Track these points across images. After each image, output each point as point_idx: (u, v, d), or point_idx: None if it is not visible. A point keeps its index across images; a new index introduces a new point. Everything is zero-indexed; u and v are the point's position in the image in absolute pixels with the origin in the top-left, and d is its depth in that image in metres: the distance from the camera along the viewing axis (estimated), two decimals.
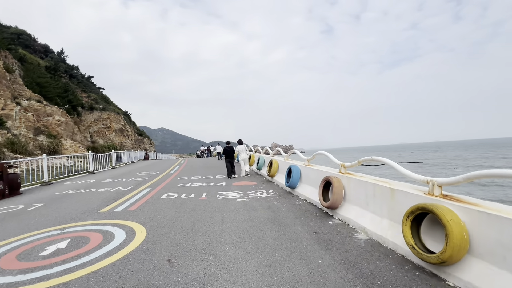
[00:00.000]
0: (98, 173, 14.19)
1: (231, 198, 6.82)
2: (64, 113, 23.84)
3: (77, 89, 47.26)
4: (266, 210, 5.56)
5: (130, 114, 61.83)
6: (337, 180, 4.89)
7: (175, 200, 6.66)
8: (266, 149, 12.43)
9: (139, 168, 16.65)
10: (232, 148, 11.44)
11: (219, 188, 8.34)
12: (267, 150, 12.40)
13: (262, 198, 6.73)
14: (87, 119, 44.05)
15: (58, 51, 57.56)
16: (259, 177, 10.69)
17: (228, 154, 11.07)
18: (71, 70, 55.00)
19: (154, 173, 12.96)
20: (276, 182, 8.81)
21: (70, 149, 21.17)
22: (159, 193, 7.65)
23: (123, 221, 5.00)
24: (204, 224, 4.71)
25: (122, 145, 47.48)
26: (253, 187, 8.37)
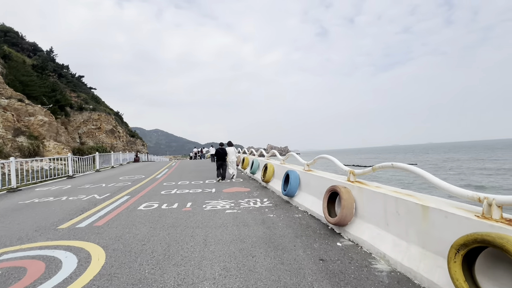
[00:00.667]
0: (78, 177, 13.08)
1: (220, 208, 5.88)
2: (47, 113, 22.57)
3: (66, 88, 45.76)
4: (259, 225, 4.64)
5: (122, 114, 60.36)
6: (346, 191, 4.00)
7: (154, 212, 5.69)
8: (260, 151, 11.53)
9: (125, 171, 15.56)
10: (224, 150, 10.75)
11: (208, 195, 7.39)
12: (261, 152, 11.49)
13: (255, 208, 5.81)
14: (76, 120, 42.62)
15: (47, 50, 55.91)
16: (252, 182, 9.76)
17: (220, 156, 10.48)
18: (61, 69, 53.42)
19: (139, 177, 11.93)
20: (272, 189, 7.90)
21: (53, 151, 19.93)
22: (137, 203, 6.66)
23: (81, 242, 4.02)
24: (182, 246, 3.76)
25: (113, 146, 46.09)
26: (246, 194, 7.44)
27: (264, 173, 8.61)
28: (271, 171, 8.22)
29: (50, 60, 52.46)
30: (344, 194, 3.94)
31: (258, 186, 8.72)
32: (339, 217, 3.90)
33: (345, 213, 3.85)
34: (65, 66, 57.99)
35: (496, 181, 23.70)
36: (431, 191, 14.34)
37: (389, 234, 3.25)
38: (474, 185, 21.75)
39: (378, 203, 3.49)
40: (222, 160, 10.43)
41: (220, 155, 10.46)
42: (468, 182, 23.39)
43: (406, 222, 3.00)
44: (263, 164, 9.27)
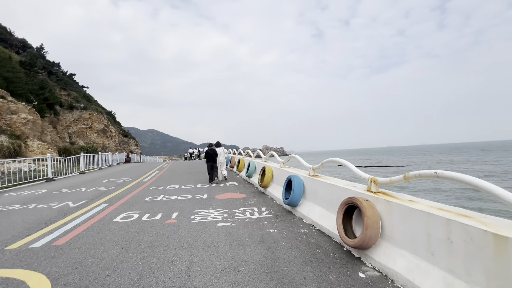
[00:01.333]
0: (59, 180, 12.03)
1: (211, 220, 4.98)
2: (32, 111, 21.36)
3: (55, 86, 44.31)
4: (258, 245, 3.76)
5: (114, 114, 58.94)
6: (369, 206, 3.14)
7: (131, 226, 4.77)
8: (257, 152, 10.65)
9: (112, 173, 14.52)
10: (215, 151, 10.21)
11: (198, 203, 6.48)
12: (258, 153, 10.60)
13: (253, 221, 4.92)
14: (66, 119, 41.25)
15: (37, 47, 54.28)
16: (249, 186, 8.86)
17: (210, 157, 10.01)
18: (51, 66, 51.89)
19: (125, 181, 10.94)
20: (270, 195, 7.02)
21: (37, 151, 18.77)
22: (115, 213, 5.72)
23: (25, 271, 3.09)
24: (157, 278, 2.86)
25: (105, 146, 44.79)
26: (241, 202, 6.55)
27: (261, 177, 7.73)
28: (270, 175, 7.34)
29: (40, 57, 50.89)
30: (367, 209, 3.08)
31: (255, 192, 7.83)
32: (361, 239, 3.04)
33: (369, 235, 2.99)
34: (56, 64, 56.43)
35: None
36: (482, 208, 12.87)
37: (436, 268, 2.39)
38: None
39: (416, 223, 2.63)
40: (213, 161, 9.98)
41: (210, 156, 9.99)
42: None
43: (465, 255, 2.15)
44: (260, 167, 8.40)
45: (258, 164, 9.26)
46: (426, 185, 21.13)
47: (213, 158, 9.99)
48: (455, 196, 17.54)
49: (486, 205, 14.42)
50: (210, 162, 9.95)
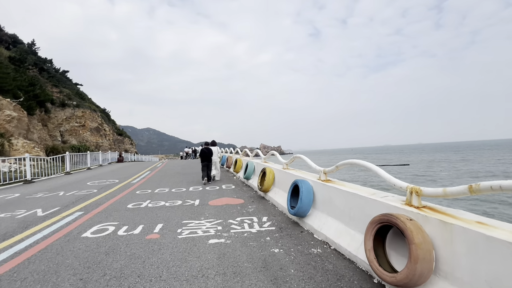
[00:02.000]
0: (39, 182, 11.02)
1: (201, 235, 4.08)
2: (17, 108, 20.24)
3: (47, 83, 43.01)
4: (260, 274, 2.87)
5: (109, 112, 57.64)
6: (417, 229, 2.25)
7: (102, 243, 3.85)
8: (256, 152, 9.74)
9: (100, 174, 13.54)
10: (210, 150, 9.74)
11: (188, 211, 5.57)
12: (257, 153, 9.70)
13: (252, 235, 4.03)
14: (58, 117, 40.02)
15: (28, 43, 52.81)
16: (247, 190, 7.96)
17: (205, 156, 9.52)
18: (43, 63, 50.48)
19: (111, 183, 9.99)
20: (272, 201, 6.13)
21: (22, 150, 17.69)
22: (88, 224, 4.79)
23: None
24: None
25: (98, 145, 43.68)
26: (238, 209, 5.65)
27: (261, 179, 6.83)
28: (271, 178, 6.44)
29: (32, 53, 49.49)
30: (414, 233, 2.19)
31: (254, 197, 6.94)
32: (407, 275, 2.16)
33: (420, 270, 2.11)
34: (48, 60, 55.01)
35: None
36: None
37: None
38: None
39: (496, 259, 1.76)
40: (207, 160, 9.52)
41: (205, 155, 9.52)
42: None
43: None
44: (260, 169, 7.50)
45: (258, 165, 8.36)
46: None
47: (208, 157, 9.53)
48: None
49: None
50: (205, 161, 9.47)
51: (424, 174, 32.86)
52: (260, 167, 7.51)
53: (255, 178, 8.31)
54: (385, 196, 3.03)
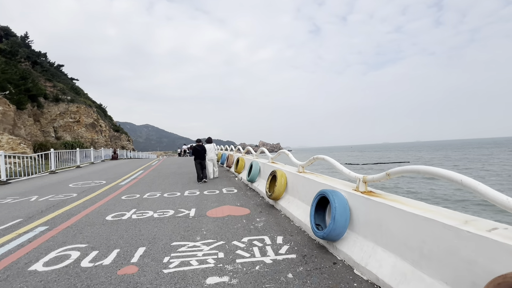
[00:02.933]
0: (15, 183, 9.80)
1: (195, 269, 2.91)
2: (3, 101, 18.95)
3: (40, 77, 41.59)
4: None
5: (105, 107, 56.20)
6: None
7: (52, 284, 2.68)
8: (262, 150, 8.53)
9: (88, 173, 12.34)
10: (203, 147, 9.38)
11: (180, 226, 4.40)
12: (263, 151, 8.49)
13: (267, 270, 2.87)
14: (51, 112, 38.70)
15: (21, 35, 51.20)
16: (252, 195, 6.79)
17: (198, 154, 9.14)
18: (36, 56, 48.95)
19: (97, 184, 8.81)
20: (284, 212, 4.97)
21: (7, 146, 16.45)
22: (44, 248, 3.62)
23: None
24: None
25: (94, 142, 42.45)
26: (244, 223, 4.49)
27: (270, 184, 5.66)
28: (283, 183, 5.26)
29: (25, 46, 47.95)
30: None
31: (261, 204, 5.77)
32: None
33: None
34: (42, 54, 53.48)
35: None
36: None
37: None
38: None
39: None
40: (200, 158, 9.13)
41: (198, 153, 9.14)
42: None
43: None
44: (268, 171, 6.31)
45: (264, 166, 7.17)
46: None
47: (201, 155, 9.13)
48: None
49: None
50: (198, 159, 9.06)
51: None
52: (269, 169, 6.33)
53: (261, 181, 7.13)
54: (494, 229, 1.85)
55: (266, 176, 6.67)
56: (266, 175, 6.69)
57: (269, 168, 6.44)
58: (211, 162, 9.70)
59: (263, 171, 7.17)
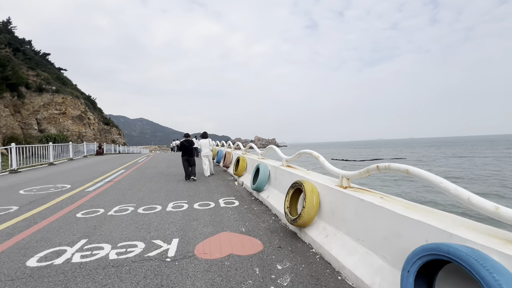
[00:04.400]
0: None
1: None
2: None
3: (22, 65, 38.78)
4: None
5: (94, 99, 53.45)
6: None
7: None
8: (271, 148, 6.55)
9: (56, 173, 10.30)
10: (191, 143, 8.57)
11: (149, 282, 2.52)
12: (273, 149, 6.53)
13: None
14: (34, 103, 36.15)
15: (3, 20, 47.98)
16: (260, 212, 4.89)
17: (185, 150, 8.38)
18: (19, 44, 45.92)
19: (57, 190, 6.82)
20: (321, 251, 3.11)
21: None
22: None
23: None
24: None
25: (81, 135, 40.07)
26: (258, 275, 2.63)
27: (292, 201, 3.78)
28: (314, 202, 3.37)
29: (6, 32, 44.87)
30: None
31: (277, 230, 3.89)
32: None
33: None
34: (27, 41, 50.41)
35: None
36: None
37: None
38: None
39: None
40: (188, 155, 8.35)
41: (186, 149, 8.36)
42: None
43: None
44: (287, 180, 4.39)
45: (278, 172, 5.21)
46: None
47: (190, 151, 8.34)
48: None
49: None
50: (186, 156, 8.29)
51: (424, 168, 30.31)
52: (288, 178, 4.42)
53: (272, 191, 5.24)
54: None
55: (279, 186, 4.79)
56: (281, 185, 4.81)
57: (287, 176, 4.53)
58: (206, 159, 9.16)
59: (275, 179, 5.27)
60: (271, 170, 5.53)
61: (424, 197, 13.47)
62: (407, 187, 16.68)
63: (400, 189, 16.37)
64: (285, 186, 4.23)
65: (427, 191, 14.44)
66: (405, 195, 14.02)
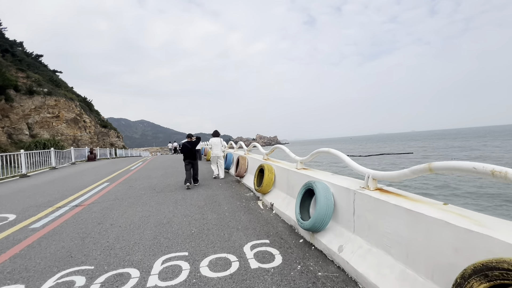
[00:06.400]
0: None
1: None
2: None
3: (10, 66, 36.49)
4: None
5: (90, 101, 51.13)
6: None
7: None
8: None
9: (19, 190, 7.88)
10: (193, 144, 7.28)
11: None
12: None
13: None
14: (25, 106, 33.88)
15: None
16: (330, 280, 2.46)
17: (188, 152, 7.16)
18: (9, 45, 43.66)
19: (5, 223, 4.41)
20: None
21: None
22: None
23: None
24: None
25: (76, 139, 37.82)
26: None
27: None
28: None
29: None
30: None
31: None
32: None
33: None
34: (18, 43, 48.17)
35: None
36: None
37: None
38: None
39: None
40: (191, 158, 7.25)
41: (187, 152, 7.22)
42: None
43: None
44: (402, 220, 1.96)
45: (368, 201, 2.71)
46: None
47: (192, 154, 7.25)
48: None
49: None
50: (188, 159, 7.27)
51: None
52: (414, 220, 1.95)
53: (339, 231, 2.75)
54: None
55: (372, 230, 2.31)
56: (366, 224, 2.33)
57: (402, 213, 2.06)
58: (216, 159, 8.40)
59: (345, 211, 2.77)
60: (337, 196, 3.02)
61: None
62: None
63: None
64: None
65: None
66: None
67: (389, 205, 2.20)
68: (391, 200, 2.23)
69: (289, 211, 4.04)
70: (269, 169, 5.17)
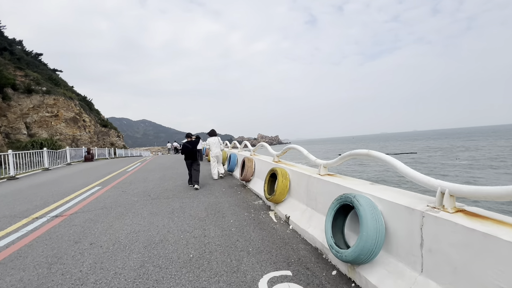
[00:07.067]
0: None
1: None
2: None
3: (8, 65, 35.87)
4: None
5: (90, 100, 50.45)
6: None
7: None
8: (355, 154, 3.24)
9: (3, 194, 7.09)
10: (194, 144, 6.94)
11: None
12: None
13: None
14: (23, 105, 33.27)
15: None
16: None
17: (188, 152, 6.92)
18: (9, 44, 43.07)
19: None
20: None
21: None
22: None
23: None
24: None
25: (76, 138, 37.19)
26: None
27: None
28: None
29: None
30: None
31: None
32: None
33: None
34: (17, 41, 47.59)
35: None
36: None
37: None
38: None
39: None
40: (192, 158, 6.95)
41: (189, 152, 6.90)
42: None
43: None
44: None
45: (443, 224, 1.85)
46: None
47: (193, 153, 6.91)
48: None
49: None
50: (189, 159, 6.96)
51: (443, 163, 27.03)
52: None
53: (408, 279, 1.92)
54: None
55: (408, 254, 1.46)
56: None
57: None
58: (215, 161, 8.17)
59: (405, 239, 1.93)
60: (394, 215, 2.17)
61: None
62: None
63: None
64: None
65: None
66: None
67: (498, 241, 1.35)
68: (497, 232, 1.38)
69: (312, 228, 3.19)
70: (283, 174, 4.31)
